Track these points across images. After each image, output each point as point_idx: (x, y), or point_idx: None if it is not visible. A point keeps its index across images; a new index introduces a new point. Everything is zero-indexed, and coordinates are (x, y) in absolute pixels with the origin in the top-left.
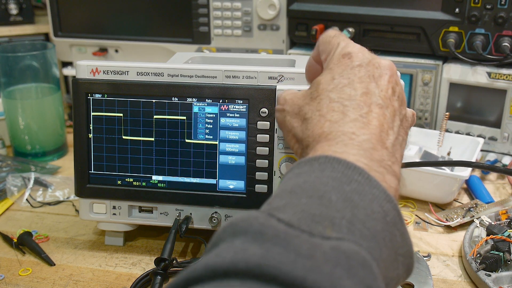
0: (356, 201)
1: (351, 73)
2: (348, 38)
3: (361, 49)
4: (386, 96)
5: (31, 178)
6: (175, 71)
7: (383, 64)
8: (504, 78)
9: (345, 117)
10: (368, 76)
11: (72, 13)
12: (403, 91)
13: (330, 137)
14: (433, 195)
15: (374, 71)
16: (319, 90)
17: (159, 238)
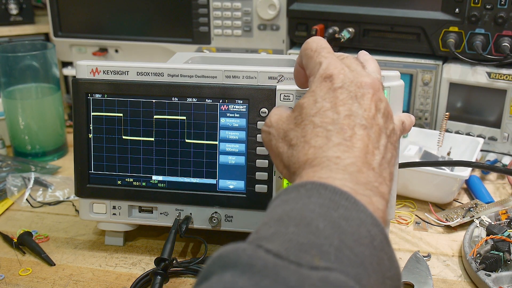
0: (343, 227)
1: (333, 96)
2: (330, 53)
3: (342, 69)
4: (369, 116)
5: (31, 178)
6: (175, 71)
7: (365, 83)
8: (504, 78)
9: (329, 142)
10: (350, 97)
11: (72, 13)
12: (388, 106)
13: (315, 163)
14: (433, 195)
15: (356, 91)
16: (303, 115)
17: (159, 238)
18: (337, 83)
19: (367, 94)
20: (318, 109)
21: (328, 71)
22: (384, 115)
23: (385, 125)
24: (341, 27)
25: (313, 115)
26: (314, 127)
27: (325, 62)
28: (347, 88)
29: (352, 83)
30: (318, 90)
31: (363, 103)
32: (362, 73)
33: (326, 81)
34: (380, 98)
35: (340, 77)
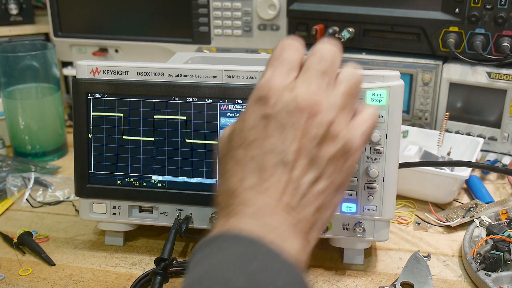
0: (260, 280)
1: (260, 125)
2: (283, 63)
3: (279, 89)
4: (295, 149)
5: (31, 178)
6: (175, 71)
7: (299, 107)
8: (504, 78)
9: (244, 182)
10: (277, 128)
11: (72, 13)
12: (328, 128)
13: (227, 211)
14: (433, 195)
15: (285, 121)
16: (230, 145)
17: (159, 238)
18: (268, 109)
19: (296, 123)
20: (243, 140)
21: (262, 91)
22: (321, 142)
23: (320, 154)
24: (341, 27)
25: (237, 146)
26: (235, 163)
27: (266, 76)
28: (276, 117)
29: (283, 110)
30: (248, 113)
31: (290, 135)
32: (302, 91)
33: (258, 104)
34: (317, 124)
35: (272, 100)
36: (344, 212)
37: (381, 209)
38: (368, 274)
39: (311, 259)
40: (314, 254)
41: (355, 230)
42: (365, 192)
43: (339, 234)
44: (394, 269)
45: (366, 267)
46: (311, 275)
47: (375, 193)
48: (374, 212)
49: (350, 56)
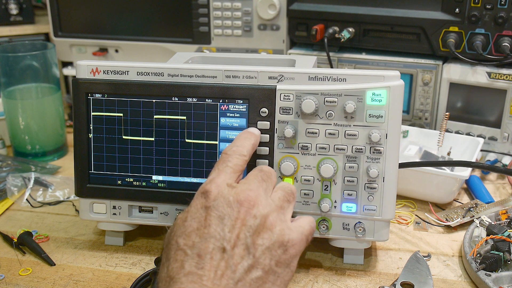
0: None
1: (203, 215)
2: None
3: (220, 186)
4: (231, 237)
5: (31, 178)
6: (175, 71)
7: (238, 200)
8: (504, 78)
9: (182, 270)
10: (217, 217)
11: (72, 13)
12: (265, 222)
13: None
14: (433, 195)
15: (224, 211)
16: (172, 233)
17: (159, 238)
18: (209, 201)
19: (236, 213)
20: (185, 229)
21: (206, 186)
22: (257, 232)
23: (255, 244)
24: (341, 27)
25: (179, 235)
26: (177, 250)
27: (212, 175)
28: (217, 208)
29: (224, 202)
30: (193, 205)
31: (228, 224)
32: (242, 188)
33: (202, 197)
34: (254, 215)
35: (213, 194)
36: (344, 212)
37: (381, 209)
38: (368, 274)
39: (311, 259)
40: (314, 254)
41: (355, 230)
42: (365, 192)
43: (339, 234)
44: (394, 269)
45: (366, 267)
46: (311, 275)
47: (375, 193)
48: (374, 212)
49: (350, 56)
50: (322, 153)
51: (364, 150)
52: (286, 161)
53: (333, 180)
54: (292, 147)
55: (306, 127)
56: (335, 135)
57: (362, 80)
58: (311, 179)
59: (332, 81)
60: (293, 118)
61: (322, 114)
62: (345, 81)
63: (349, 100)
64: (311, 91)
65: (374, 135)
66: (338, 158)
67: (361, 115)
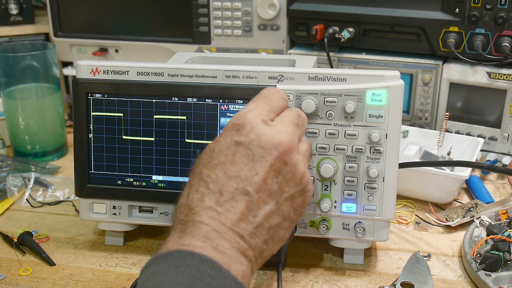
0: None
1: (230, 150)
2: (266, 104)
3: (254, 121)
4: (258, 181)
5: (31, 178)
6: (175, 71)
7: (271, 143)
8: (504, 78)
9: (201, 203)
10: (246, 156)
11: (72, 13)
12: (296, 169)
13: (183, 227)
14: (433, 195)
15: (256, 152)
16: (198, 161)
17: (159, 238)
18: (241, 137)
19: (267, 156)
20: (212, 160)
21: (240, 119)
22: (285, 179)
23: (281, 191)
24: (341, 27)
25: (204, 164)
26: (200, 179)
27: (248, 107)
28: (248, 146)
29: (255, 141)
30: (223, 137)
31: (257, 166)
32: (278, 129)
33: (233, 130)
34: (285, 161)
35: (247, 129)
36: (344, 212)
37: (381, 209)
38: (368, 274)
39: (311, 259)
40: (314, 254)
41: (355, 230)
42: (365, 192)
43: (339, 234)
44: (394, 269)
45: (366, 267)
46: (311, 275)
47: (375, 193)
48: (374, 212)
49: (350, 56)
50: (322, 153)
51: (364, 150)
52: None
53: (333, 180)
54: None
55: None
56: (335, 135)
57: (362, 80)
58: (311, 179)
59: (332, 81)
60: None
61: (322, 114)
62: (345, 81)
63: (349, 100)
64: (311, 91)
65: (374, 135)
66: (338, 158)
67: (361, 115)
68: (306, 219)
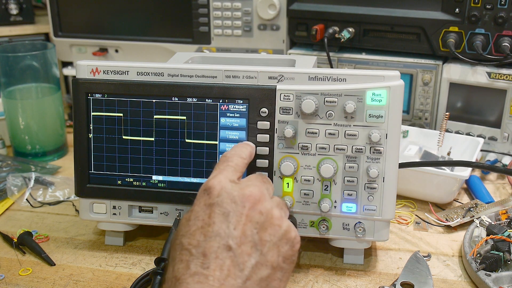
0: None
1: (205, 213)
2: (230, 164)
3: (223, 181)
4: (238, 235)
5: (31, 178)
6: (175, 71)
7: (243, 195)
8: (504, 78)
9: (188, 271)
10: (222, 214)
11: (72, 13)
12: (272, 217)
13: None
14: (433, 195)
15: (229, 207)
16: (178, 233)
17: (159, 238)
18: (213, 198)
19: (241, 209)
20: (189, 228)
21: (208, 184)
22: (263, 228)
23: (262, 241)
24: (341, 27)
25: (183, 234)
26: (182, 249)
27: (213, 173)
28: (221, 204)
29: (227, 198)
30: (197, 203)
31: (234, 221)
32: (246, 184)
33: (205, 194)
34: (259, 211)
35: (217, 190)
36: (344, 212)
37: (381, 209)
38: (368, 274)
39: (311, 259)
40: (314, 254)
41: (355, 230)
42: (365, 192)
43: (339, 234)
44: (394, 269)
45: (366, 267)
46: (311, 275)
47: (375, 193)
48: (374, 212)
49: (350, 56)
50: (322, 153)
51: (364, 150)
52: (286, 161)
53: (333, 180)
54: (292, 147)
55: (306, 127)
56: (335, 135)
57: (362, 80)
58: (311, 179)
59: (332, 81)
60: (293, 118)
61: (322, 114)
62: (345, 81)
63: (349, 100)
64: (311, 91)
65: (374, 135)
66: (338, 158)
67: (361, 115)
68: (306, 219)
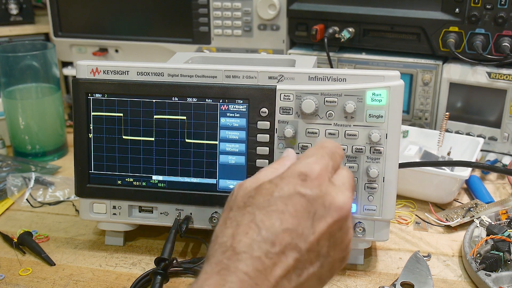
0: None
1: (291, 200)
2: (330, 158)
3: (321, 176)
4: (313, 241)
5: (31, 178)
6: (175, 71)
7: (334, 205)
8: (504, 78)
9: (251, 250)
10: (308, 211)
11: (72, 13)
12: (346, 236)
13: (224, 272)
14: (433, 195)
15: (317, 209)
16: (253, 199)
17: (159, 238)
18: (306, 189)
19: (328, 217)
20: (268, 204)
21: (307, 168)
22: (334, 244)
23: (327, 255)
24: (341, 27)
25: (260, 206)
26: (251, 221)
27: (313, 158)
28: (312, 201)
29: (320, 198)
30: (285, 182)
31: (316, 225)
32: (341, 190)
33: (298, 178)
34: (340, 227)
35: (314, 183)
36: None
37: (381, 209)
38: (368, 274)
39: None
40: None
41: (355, 230)
42: (365, 192)
43: None
44: (394, 269)
45: (366, 267)
46: None
47: (375, 193)
48: (374, 212)
49: (350, 56)
50: None
51: (364, 150)
52: None
53: None
54: (292, 147)
55: (306, 127)
56: (335, 135)
57: (362, 80)
58: None
59: (332, 81)
60: (293, 118)
61: (322, 114)
62: (345, 81)
63: (349, 100)
64: (311, 91)
65: (374, 135)
66: None
67: (361, 115)
68: None
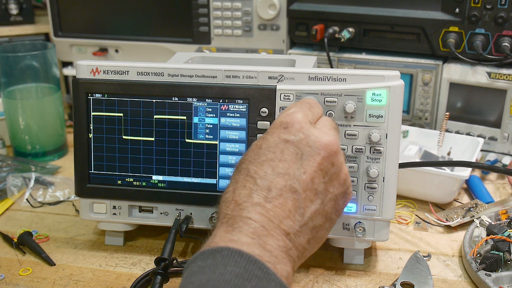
0: None
1: (278, 147)
2: (306, 108)
3: (302, 121)
4: (306, 179)
5: (31, 178)
6: (176, 71)
7: (319, 143)
8: (504, 78)
9: (250, 199)
10: (295, 154)
11: (72, 13)
12: (340, 171)
13: (231, 221)
14: (433, 195)
15: (303, 150)
16: (245, 156)
17: (159, 238)
18: (290, 135)
19: (315, 156)
20: (259, 156)
21: (288, 118)
22: (331, 180)
23: (326, 191)
24: (341, 27)
25: (252, 160)
26: (247, 175)
27: (293, 109)
28: (297, 144)
29: (304, 140)
30: (270, 134)
31: (305, 164)
32: (324, 131)
33: (281, 128)
34: (332, 162)
35: (295, 128)
36: (344, 212)
37: (381, 209)
38: (368, 274)
39: (311, 259)
40: (314, 254)
41: (355, 230)
42: (365, 192)
43: (339, 234)
44: (394, 269)
45: (366, 267)
46: (311, 275)
47: (375, 193)
48: (374, 212)
49: (350, 56)
50: None
51: (364, 150)
52: None
53: None
54: None
55: None
56: None
57: (362, 80)
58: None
59: (332, 81)
60: None
61: None
62: (345, 81)
63: (349, 100)
64: (311, 91)
65: (374, 135)
66: None
67: (361, 115)
68: None
